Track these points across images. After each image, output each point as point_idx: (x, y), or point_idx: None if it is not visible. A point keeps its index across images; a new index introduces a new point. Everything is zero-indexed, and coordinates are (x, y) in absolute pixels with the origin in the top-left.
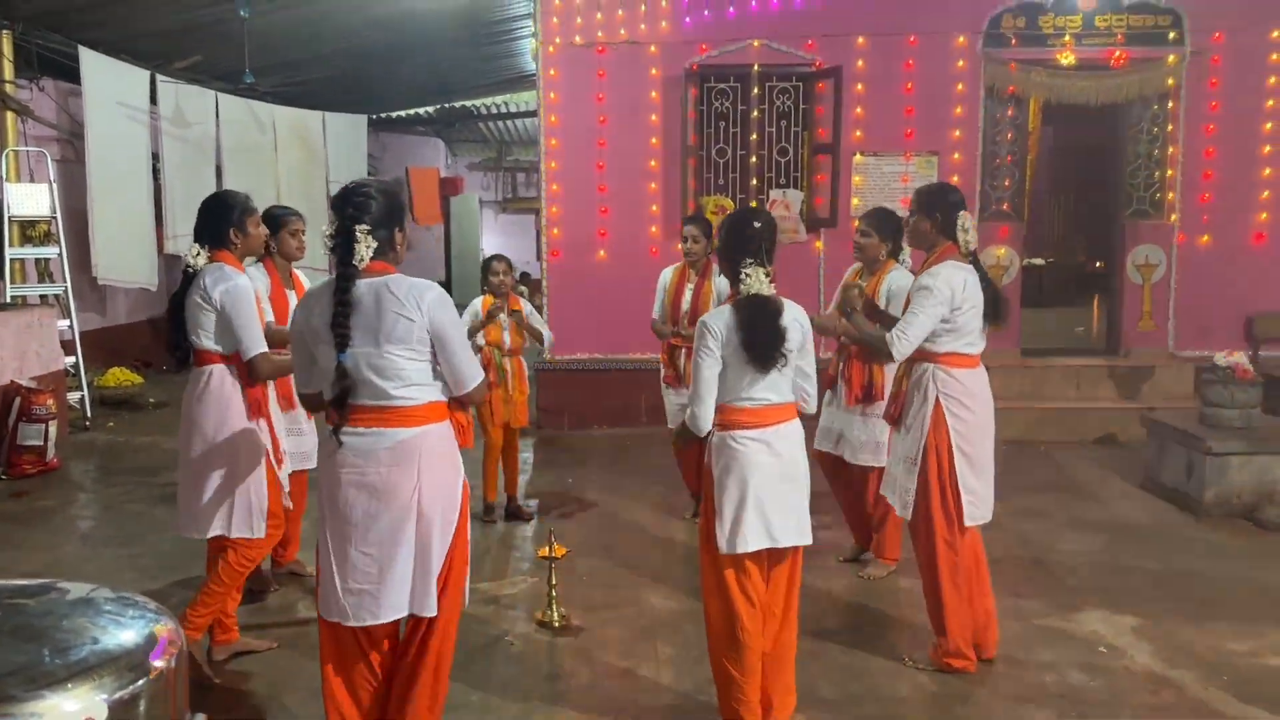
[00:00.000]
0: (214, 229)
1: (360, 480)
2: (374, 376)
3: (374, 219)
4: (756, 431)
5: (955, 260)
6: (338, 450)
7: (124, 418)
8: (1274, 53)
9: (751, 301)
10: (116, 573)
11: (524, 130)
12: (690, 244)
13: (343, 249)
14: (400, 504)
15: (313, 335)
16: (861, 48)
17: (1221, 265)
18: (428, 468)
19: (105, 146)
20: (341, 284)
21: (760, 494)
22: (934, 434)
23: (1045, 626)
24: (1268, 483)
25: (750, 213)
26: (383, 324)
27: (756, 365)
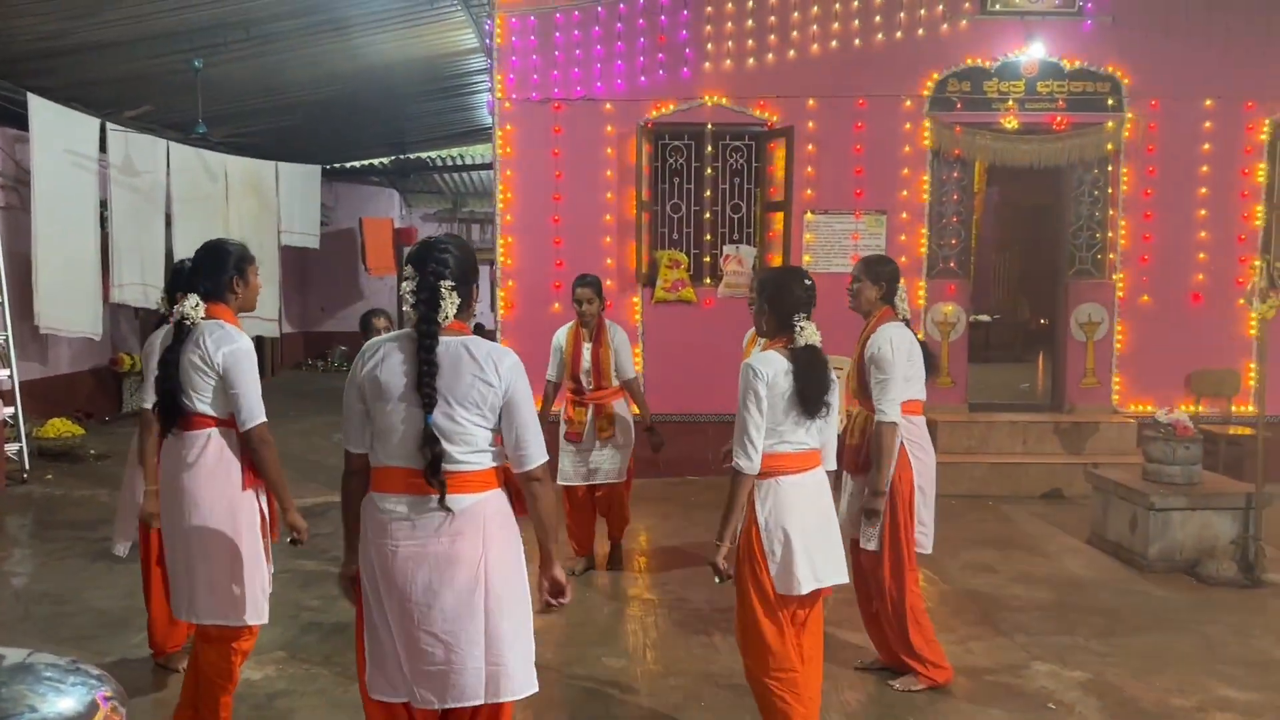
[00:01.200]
0: (214, 279)
1: (420, 552)
2: (444, 440)
3: (456, 275)
4: (799, 476)
5: (892, 321)
6: (390, 520)
7: (63, 470)
8: (1207, 121)
9: (809, 351)
10: (51, 631)
11: (479, 182)
12: (585, 305)
13: (426, 305)
14: (466, 576)
15: (376, 389)
16: (812, 109)
17: (1161, 324)
18: (493, 536)
19: (52, 194)
20: (426, 341)
21: (807, 537)
22: (900, 476)
23: (995, 683)
24: (1209, 538)
25: (798, 272)
26: (459, 386)
27: (804, 411)
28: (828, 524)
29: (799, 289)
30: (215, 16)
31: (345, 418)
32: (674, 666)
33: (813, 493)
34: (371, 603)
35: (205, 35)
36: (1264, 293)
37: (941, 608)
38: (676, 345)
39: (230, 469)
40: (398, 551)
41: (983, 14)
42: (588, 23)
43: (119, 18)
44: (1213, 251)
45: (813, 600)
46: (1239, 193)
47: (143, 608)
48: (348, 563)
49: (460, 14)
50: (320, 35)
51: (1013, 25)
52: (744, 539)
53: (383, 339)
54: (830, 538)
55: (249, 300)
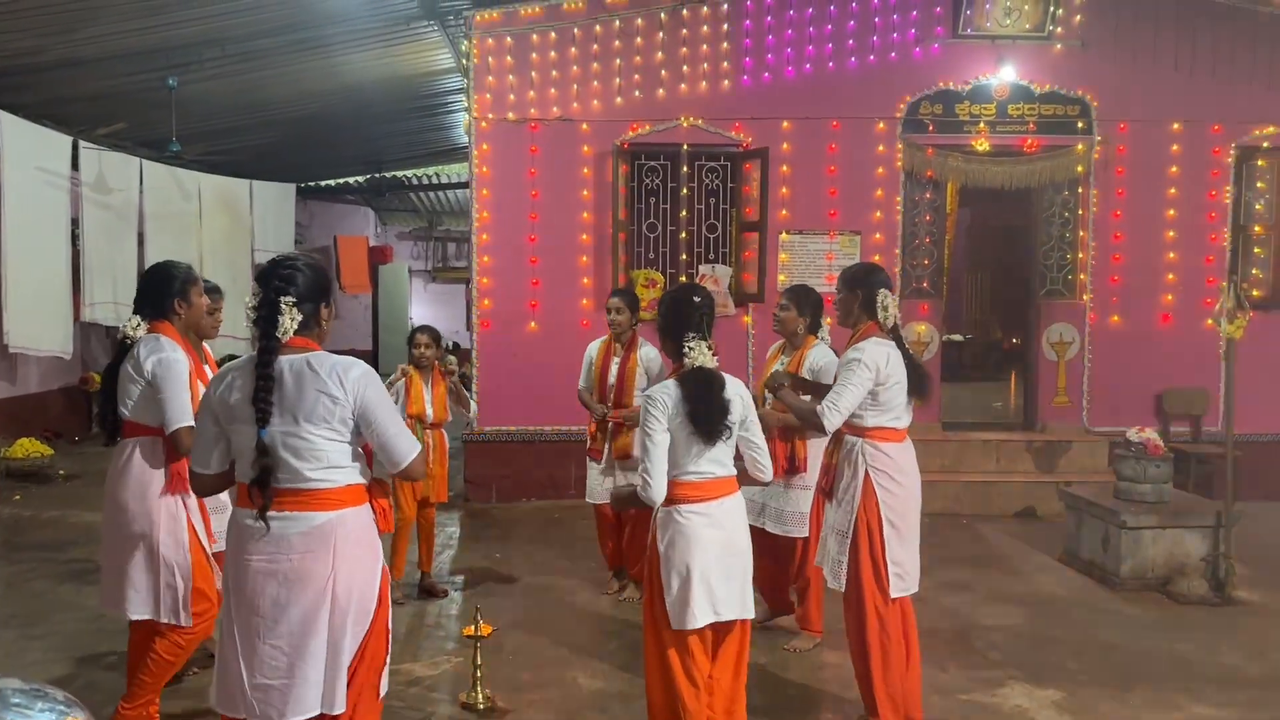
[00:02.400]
0: (156, 299)
1: (270, 567)
2: (290, 457)
3: (300, 293)
4: (701, 505)
5: (878, 337)
6: (246, 534)
7: (32, 491)
8: (1175, 144)
9: (697, 374)
10: (19, 654)
11: (455, 201)
12: (614, 315)
13: (266, 322)
14: (313, 593)
15: (227, 412)
16: (787, 130)
17: (1132, 344)
18: (344, 555)
19: (22, 212)
20: (264, 357)
21: (705, 569)
22: (864, 507)
23: (970, 701)
24: (1179, 556)
25: (690, 289)
26: (303, 402)
27: (702, 437)
28: (734, 555)
29: (687, 307)
30: (191, 35)
31: (198, 443)
32: None
33: (717, 521)
34: (222, 616)
35: (181, 53)
36: (1232, 313)
37: (917, 624)
38: None
39: (155, 475)
40: (250, 564)
41: (954, 38)
42: (564, 44)
43: (94, 35)
44: (1181, 272)
45: (726, 631)
46: (1207, 214)
47: (112, 630)
48: None
49: (436, 34)
50: (296, 54)
51: (984, 49)
52: (648, 567)
53: (233, 363)
54: (736, 569)
55: (194, 319)
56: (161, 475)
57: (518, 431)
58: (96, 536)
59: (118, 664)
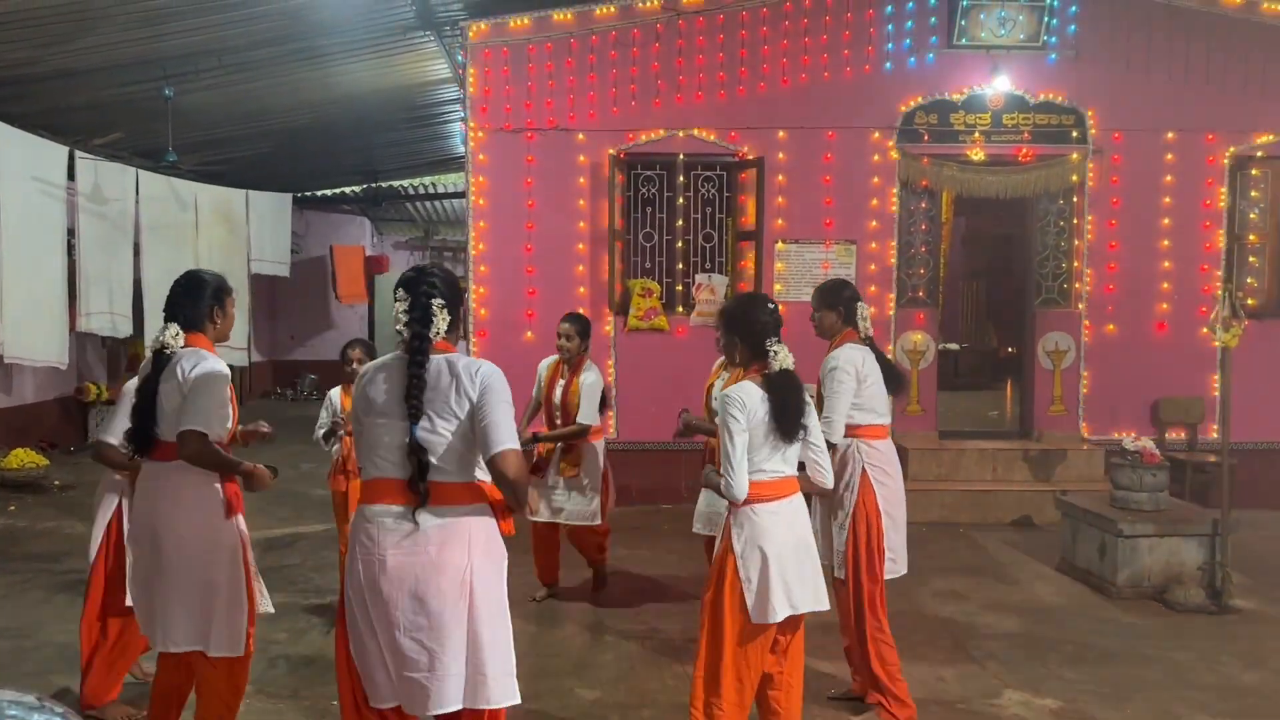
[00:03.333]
0: (192, 309)
1: (408, 560)
2: (430, 452)
3: (446, 297)
4: (775, 504)
5: (853, 342)
6: (380, 530)
7: (27, 501)
8: (1169, 153)
9: (783, 375)
10: (13, 665)
11: (452, 210)
12: (564, 340)
13: (419, 323)
14: (452, 585)
15: (366, 406)
16: (782, 140)
17: (1127, 352)
18: (478, 548)
19: (18, 222)
20: (417, 356)
21: (782, 564)
22: (862, 500)
23: (967, 710)
24: (1176, 564)
25: (762, 297)
26: (447, 400)
27: (782, 435)
28: (805, 551)
29: (765, 315)
30: (187, 45)
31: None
32: (647, 697)
33: (789, 520)
34: (357, 613)
35: (177, 64)
36: (1227, 321)
37: (913, 635)
38: (649, 373)
39: (210, 497)
40: (386, 560)
41: (949, 48)
42: (560, 54)
43: (90, 46)
44: (1176, 281)
45: (793, 627)
46: (1201, 223)
47: None
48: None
49: (433, 44)
50: (292, 64)
51: (979, 59)
52: (718, 566)
53: (377, 361)
54: (807, 564)
55: (226, 329)
56: (220, 498)
57: None
58: None
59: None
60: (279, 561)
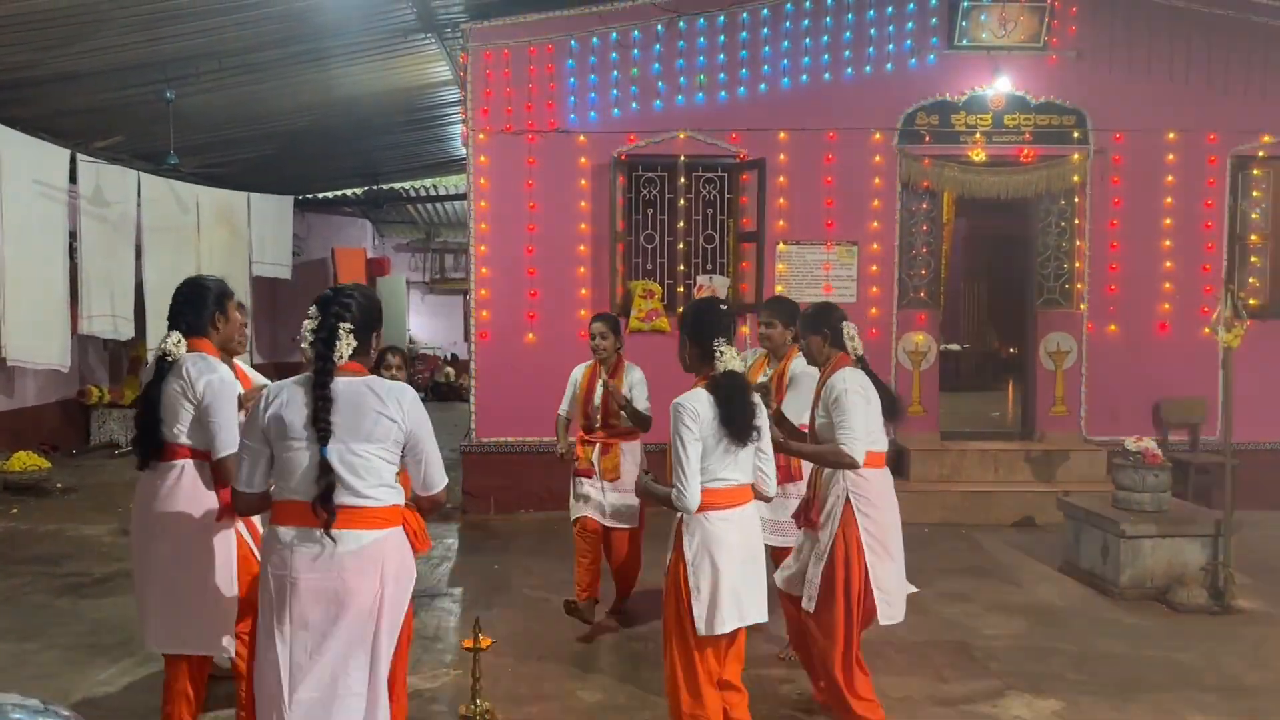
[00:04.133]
0: (194, 314)
1: (322, 585)
2: (347, 474)
3: (357, 321)
4: (727, 512)
5: (849, 366)
6: (292, 552)
7: (29, 504)
8: (1170, 153)
9: (728, 377)
10: (15, 669)
11: (453, 212)
12: (599, 340)
13: (324, 345)
14: (365, 611)
15: (280, 431)
16: (783, 141)
17: (1129, 353)
18: (390, 573)
19: (20, 225)
20: (321, 378)
21: (732, 575)
22: (843, 531)
23: (970, 712)
24: (1178, 565)
25: (712, 299)
26: (362, 423)
27: (733, 440)
28: (755, 561)
29: (714, 315)
30: (188, 48)
31: (243, 463)
32: (649, 701)
33: (741, 528)
34: (263, 631)
35: (178, 66)
36: (1229, 322)
37: (915, 637)
38: (651, 374)
39: (204, 500)
40: (298, 583)
41: (950, 49)
42: (561, 56)
43: (91, 49)
44: (1178, 281)
45: (735, 634)
46: (1202, 223)
47: (107, 645)
48: None
49: (434, 46)
50: (293, 66)
51: (980, 60)
52: (671, 574)
53: (284, 383)
54: (756, 575)
55: (230, 334)
56: (213, 501)
57: (516, 443)
58: (94, 549)
59: (115, 678)
60: None
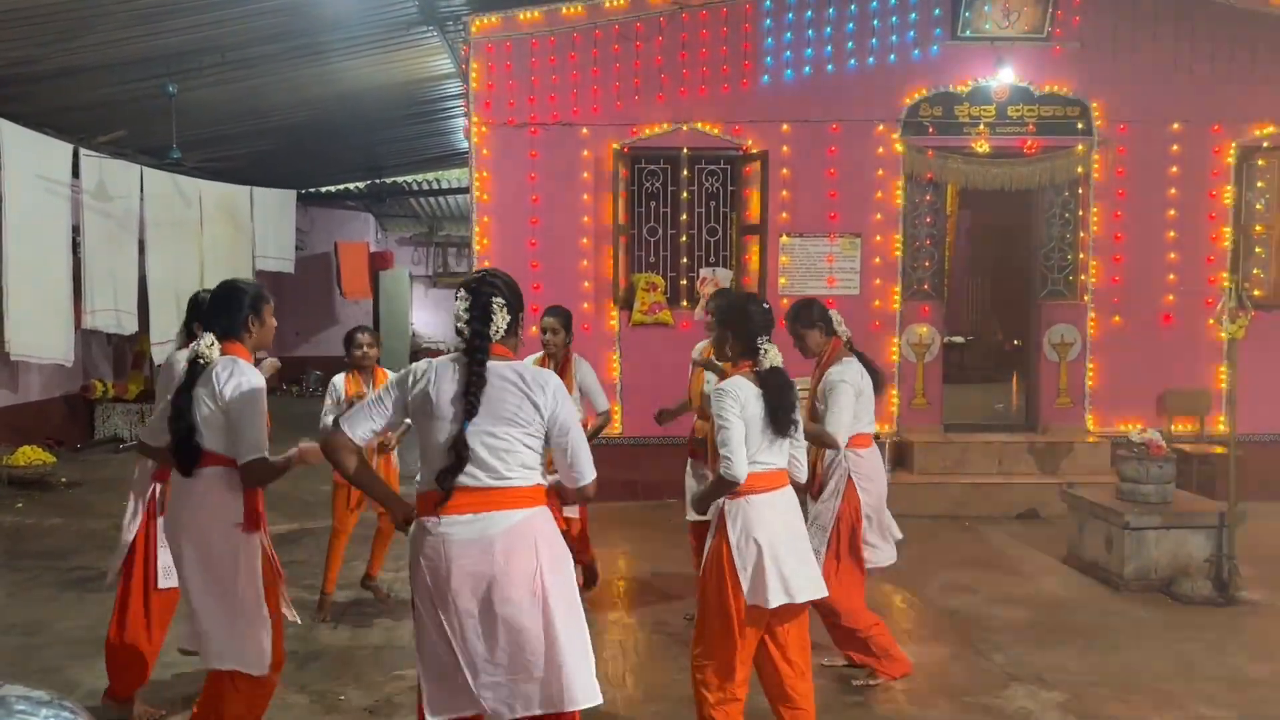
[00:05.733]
0: (229, 318)
1: (477, 569)
2: (489, 456)
3: (508, 300)
4: (768, 495)
5: (846, 355)
6: (442, 540)
7: (34, 498)
8: (1175, 144)
9: (774, 372)
10: (21, 663)
11: (455, 206)
12: (549, 335)
13: (479, 322)
14: (523, 589)
15: (424, 407)
16: (786, 133)
17: (1133, 344)
18: (545, 551)
19: (23, 220)
20: (477, 355)
21: (777, 553)
22: (845, 505)
23: (974, 704)
24: (1183, 556)
25: (755, 298)
26: (505, 405)
27: (775, 430)
28: (798, 540)
29: (759, 313)
30: (190, 42)
31: (364, 410)
32: (654, 691)
33: (782, 510)
34: (428, 622)
35: (180, 60)
36: (1233, 312)
37: (920, 629)
38: (654, 367)
39: (232, 508)
40: (452, 570)
41: (954, 40)
42: (563, 48)
43: (93, 43)
44: (1182, 272)
45: (793, 615)
46: (1207, 214)
47: None
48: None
49: (436, 39)
50: (296, 60)
51: (983, 51)
52: (713, 559)
53: (433, 361)
54: (801, 554)
55: (265, 338)
56: (241, 507)
57: None
58: (99, 543)
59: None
60: (286, 557)
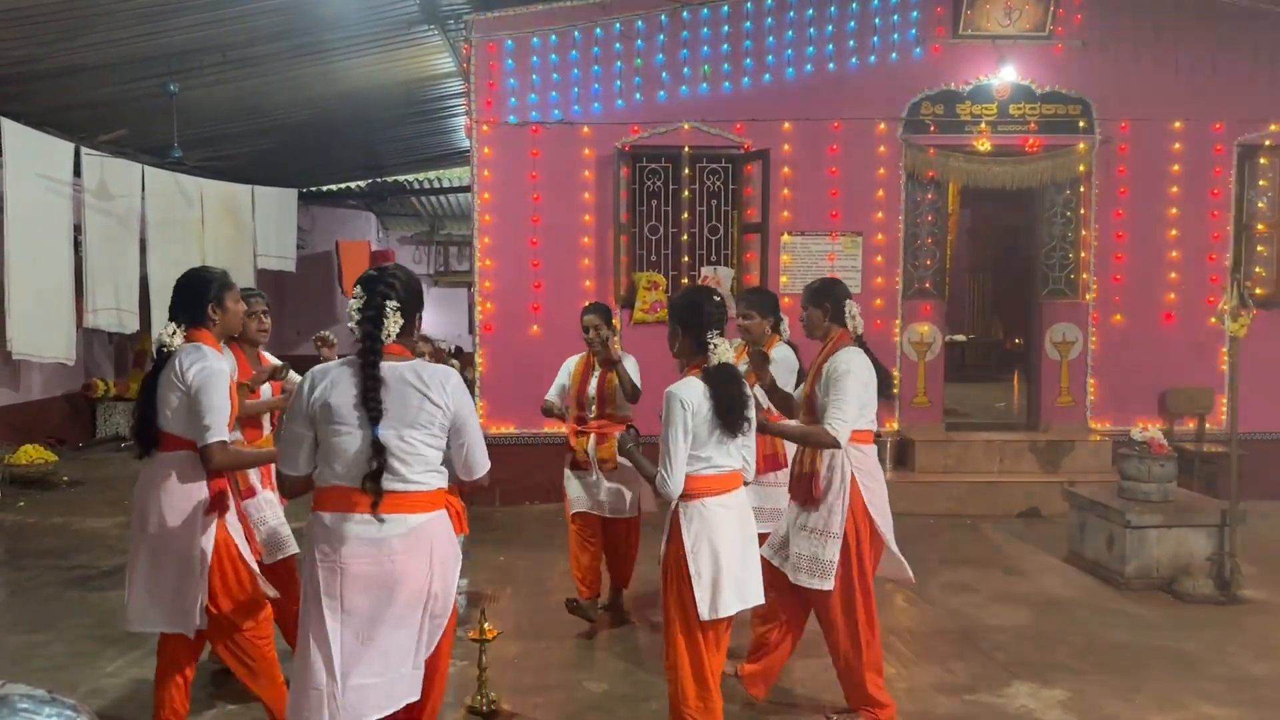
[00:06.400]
0: (191, 306)
1: (373, 570)
2: (393, 460)
3: (403, 300)
4: (724, 498)
5: (849, 345)
6: (340, 537)
7: (35, 497)
8: (1176, 142)
9: (722, 369)
10: (24, 661)
11: (457, 205)
12: (592, 333)
13: (371, 324)
14: (413, 592)
15: (325, 414)
16: (788, 132)
17: (1135, 343)
18: (439, 555)
19: (25, 219)
20: (370, 359)
21: (732, 559)
22: (853, 508)
23: (976, 701)
24: (1184, 555)
25: (707, 290)
26: (406, 407)
27: (726, 430)
28: (750, 545)
29: (709, 306)
30: (191, 41)
31: (288, 445)
32: (654, 689)
33: (738, 514)
34: (311, 614)
35: (181, 59)
36: (1235, 311)
37: (921, 628)
38: (655, 366)
39: (193, 492)
40: (347, 569)
41: (955, 38)
42: (565, 47)
43: (94, 42)
44: (1184, 271)
45: (730, 621)
46: (1209, 212)
47: (114, 637)
48: None
49: (437, 38)
50: (297, 59)
51: (985, 49)
52: (670, 562)
53: (329, 365)
54: (752, 559)
55: (231, 325)
56: (203, 492)
57: (521, 434)
58: (101, 542)
59: (122, 670)
60: None
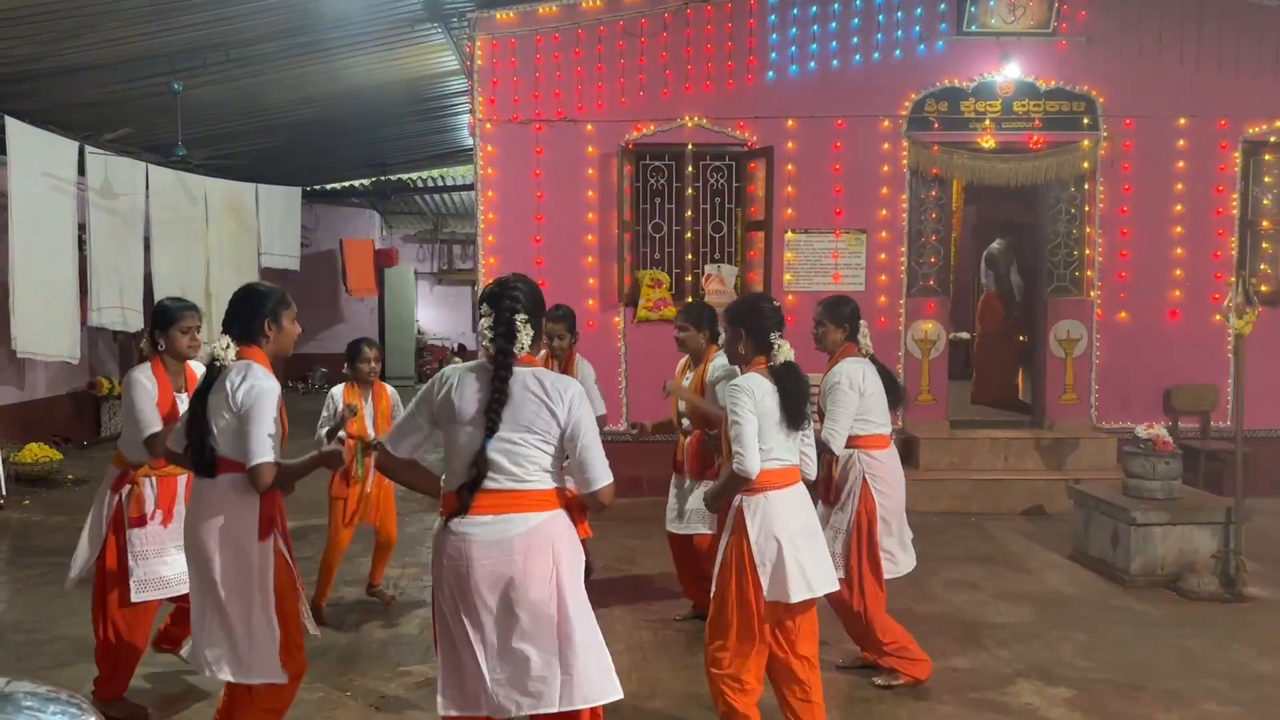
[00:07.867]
0: (246, 322)
1: (498, 571)
2: (507, 461)
3: (529, 312)
4: (785, 490)
5: (853, 357)
6: (463, 542)
7: (40, 496)
8: (1181, 139)
9: (787, 367)
10: (28, 659)
11: (460, 203)
12: (555, 341)
13: (504, 339)
14: (540, 590)
15: (449, 414)
16: (791, 129)
17: (1140, 340)
18: (562, 553)
19: (29, 217)
20: (502, 373)
21: (796, 548)
22: (862, 508)
23: (980, 699)
24: (1189, 552)
25: (766, 296)
26: (525, 412)
27: (789, 423)
28: (814, 534)
29: (770, 310)
30: (195, 39)
31: (402, 428)
32: (658, 687)
33: (798, 505)
34: (449, 620)
35: (185, 58)
36: (1240, 308)
37: (925, 625)
38: (658, 364)
39: (245, 516)
40: (473, 571)
41: (959, 35)
42: (568, 45)
43: (98, 41)
44: (1189, 268)
45: (806, 607)
46: (1214, 210)
47: None
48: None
49: (440, 36)
50: (300, 57)
51: (989, 46)
52: (733, 554)
53: (458, 367)
54: (818, 547)
55: (284, 345)
56: (255, 515)
57: None
58: None
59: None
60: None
